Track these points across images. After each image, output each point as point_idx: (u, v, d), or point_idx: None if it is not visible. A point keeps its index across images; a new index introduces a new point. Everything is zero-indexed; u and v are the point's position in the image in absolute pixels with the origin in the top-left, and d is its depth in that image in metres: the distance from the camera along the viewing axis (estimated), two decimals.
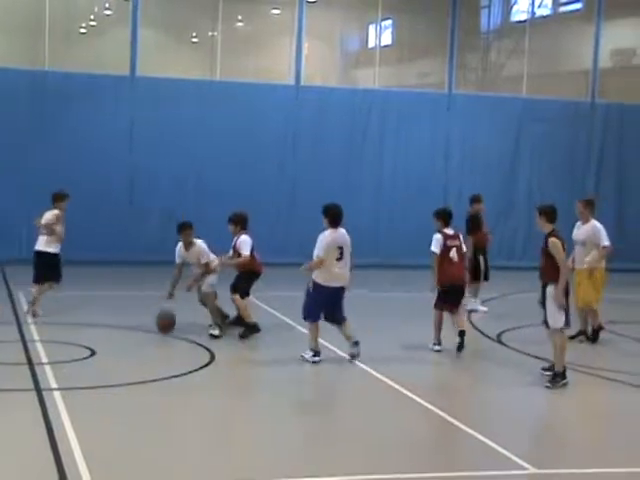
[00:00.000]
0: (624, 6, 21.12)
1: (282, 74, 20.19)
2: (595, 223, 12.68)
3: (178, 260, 12.89)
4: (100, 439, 8.15)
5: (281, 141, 19.59)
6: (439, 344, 12.33)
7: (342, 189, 19.68)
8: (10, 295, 15.04)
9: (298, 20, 19.76)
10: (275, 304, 14.66)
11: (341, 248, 11.24)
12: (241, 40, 20.46)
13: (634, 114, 21.09)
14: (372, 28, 21.60)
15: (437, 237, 12.30)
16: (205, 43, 20.80)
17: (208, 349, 11.68)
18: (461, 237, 12.55)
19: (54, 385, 9.79)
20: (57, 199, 13.46)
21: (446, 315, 12.30)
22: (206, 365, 11.01)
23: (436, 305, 12.32)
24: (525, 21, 21.57)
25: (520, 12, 22.11)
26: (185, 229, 12.73)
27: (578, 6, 22.88)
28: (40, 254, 13.44)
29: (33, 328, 12.56)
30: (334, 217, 11.26)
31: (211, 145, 19.22)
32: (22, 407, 9.03)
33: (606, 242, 12.61)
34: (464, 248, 12.53)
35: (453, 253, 12.30)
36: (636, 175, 21.25)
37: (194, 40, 21.17)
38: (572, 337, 12.52)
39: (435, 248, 12.24)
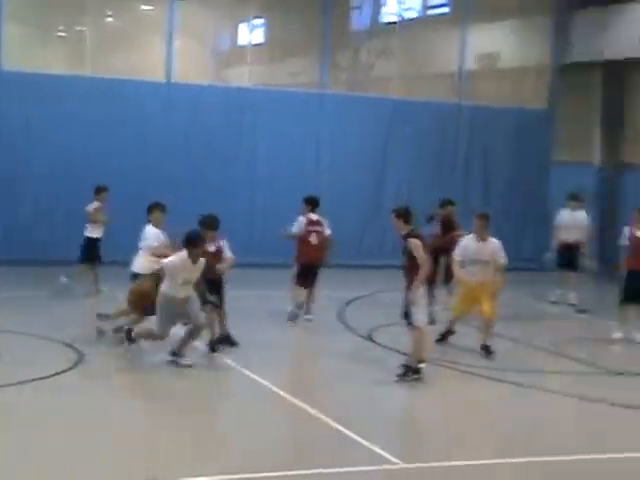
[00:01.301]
0: (490, 11, 21.67)
1: (153, 71, 19.93)
2: (496, 241, 12.40)
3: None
4: None
5: (152, 139, 19.35)
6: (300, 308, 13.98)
7: (216, 189, 19.58)
8: None
9: (169, 17, 19.57)
10: None
11: None
12: (111, 35, 20.13)
13: (499, 116, 21.68)
14: (244, 26, 21.59)
15: (299, 219, 13.86)
16: (73, 38, 20.38)
17: (77, 350, 11.47)
18: (325, 223, 13.85)
19: None
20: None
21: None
22: (74, 366, 10.82)
23: (297, 282, 13.87)
24: (395, 23, 21.91)
25: (389, 14, 22.44)
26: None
27: (445, 10, 23.38)
28: None
29: None
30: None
31: (81, 141, 18.81)
32: None
33: (505, 259, 12.39)
34: (327, 233, 13.84)
35: (313, 237, 13.78)
36: (500, 175, 21.84)
37: (62, 34, 20.72)
38: (441, 339, 12.77)
39: (294, 229, 13.82)
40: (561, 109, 22.14)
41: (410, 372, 10.88)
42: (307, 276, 13.89)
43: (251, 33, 21.12)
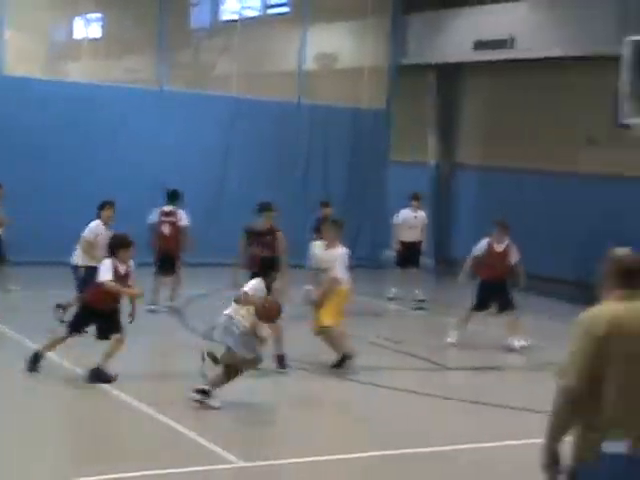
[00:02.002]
0: (329, 11, 21.90)
1: None
2: (343, 250, 11.83)
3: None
4: None
5: None
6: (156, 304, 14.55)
7: (50, 183, 18.99)
8: None
9: None
10: None
11: None
12: None
13: (338, 115, 21.92)
14: (80, 21, 21.07)
15: (154, 211, 14.87)
16: None
17: None
18: (179, 215, 14.78)
19: None
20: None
21: None
22: None
23: (155, 272, 14.68)
24: (235, 21, 21.85)
25: (230, 12, 22.37)
26: None
27: (285, 9, 23.50)
28: None
29: None
30: None
31: None
32: None
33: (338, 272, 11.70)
34: (181, 224, 14.77)
35: (165, 227, 14.74)
36: (339, 174, 22.07)
37: None
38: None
39: (149, 220, 14.80)
40: (399, 110, 22.59)
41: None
42: (163, 266, 14.80)
43: (88, 28, 20.64)
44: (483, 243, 13.90)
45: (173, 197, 15.09)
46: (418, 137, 23.77)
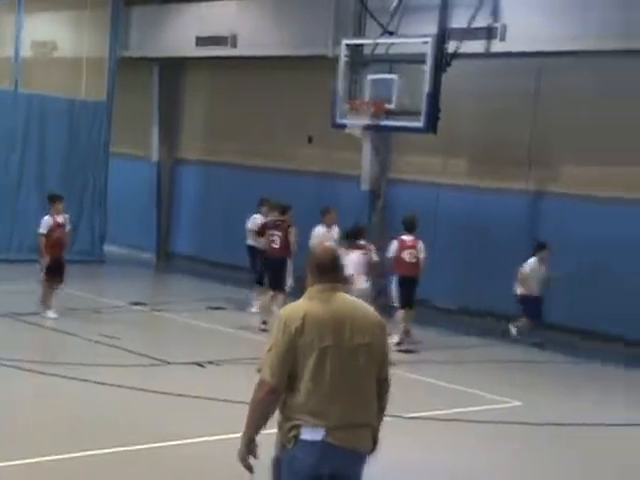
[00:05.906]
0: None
1: None
2: None
3: None
4: None
5: None
6: None
7: None
8: None
9: None
10: None
11: None
12: None
13: (57, 106, 21.22)
14: None
15: None
16: None
17: None
18: None
19: None
20: None
21: None
22: None
23: None
24: None
25: None
26: None
27: None
28: None
29: None
30: None
31: None
32: None
33: None
34: None
35: None
36: (57, 165, 21.35)
37: None
38: None
39: None
40: (121, 103, 22.18)
41: None
42: None
43: None
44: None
45: None
46: (141, 131, 23.52)
